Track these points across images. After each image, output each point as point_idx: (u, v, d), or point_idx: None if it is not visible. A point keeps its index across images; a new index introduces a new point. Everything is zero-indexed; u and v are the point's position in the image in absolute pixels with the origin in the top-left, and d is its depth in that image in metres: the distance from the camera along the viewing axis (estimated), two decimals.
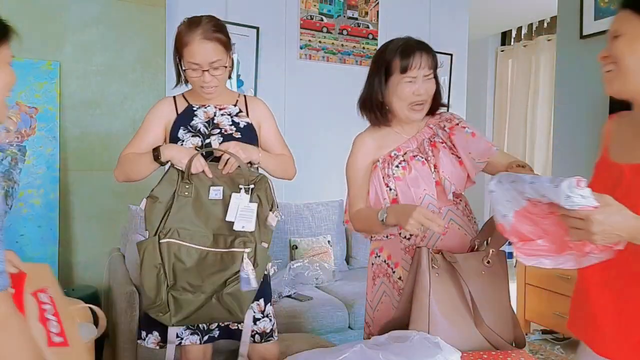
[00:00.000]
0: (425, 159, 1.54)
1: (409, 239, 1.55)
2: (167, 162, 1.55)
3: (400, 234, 1.57)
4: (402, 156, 1.56)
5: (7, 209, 0.95)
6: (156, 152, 1.54)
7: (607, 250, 0.98)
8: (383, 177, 1.56)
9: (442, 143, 1.55)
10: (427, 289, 1.36)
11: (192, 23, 1.56)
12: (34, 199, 2.81)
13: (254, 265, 1.49)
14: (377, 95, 1.56)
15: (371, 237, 1.66)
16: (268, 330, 1.68)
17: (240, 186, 1.52)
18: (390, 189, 1.54)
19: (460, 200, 1.60)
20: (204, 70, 1.55)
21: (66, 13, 2.93)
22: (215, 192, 1.53)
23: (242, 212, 1.50)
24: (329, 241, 3.28)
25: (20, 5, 2.81)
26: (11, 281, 0.93)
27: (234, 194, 1.51)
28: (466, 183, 1.56)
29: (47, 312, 1.07)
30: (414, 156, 1.55)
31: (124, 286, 2.35)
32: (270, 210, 1.55)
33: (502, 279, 1.44)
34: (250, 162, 1.62)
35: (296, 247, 3.18)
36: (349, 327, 2.76)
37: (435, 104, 1.59)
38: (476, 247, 1.48)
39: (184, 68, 1.58)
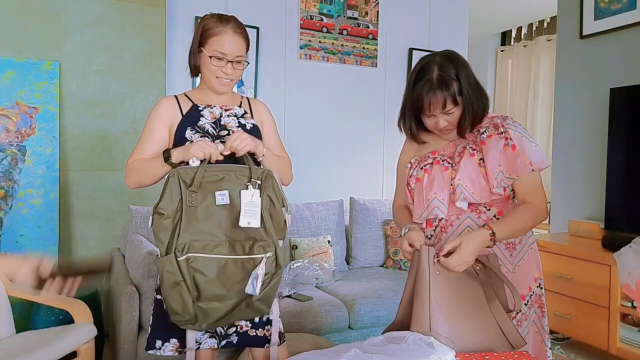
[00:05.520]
0: (451, 165, 1.53)
1: (429, 238, 1.57)
2: (179, 163, 1.52)
3: (425, 232, 1.59)
4: (432, 159, 1.57)
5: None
6: (166, 154, 1.52)
7: None
8: (408, 177, 1.59)
9: (474, 150, 1.52)
10: (427, 287, 1.36)
11: (223, 17, 1.62)
12: (34, 199, 2.81)
13: (276, 267, 1.49)
14: (410, 125, 1.60)
15: None
16: (282, 331, 1.71)
17: (247, 183, 1.49)
18: (412, 189, 1.58)
19: (489, 210, 1.53)
20: (228, 61, 1.58)
21: (66, 13, 2.93)
22: (222, 197, 1.49)
23: (246, 207, 1.46)
24: (329, 241, 3.28)
25: (20, 5, 2.81)
26: None
27: (243, 192, 1.48)
28: (492, 195, 1.49)
29: None
30: (441, 160, 1.55)
31: (124, 286, 2.35)
32: (283, 207, 1.53)
33: (498, 281, 1.42)
34: (254, 156, 1.60)
35: (296, 247, 3.18)
36: (349, 327, 2.75)
37: (470, 123, 1.52)
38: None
39: (209, 55, 1.58)
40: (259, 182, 1.50)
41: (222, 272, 1.45)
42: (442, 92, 1.44)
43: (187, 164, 1.50)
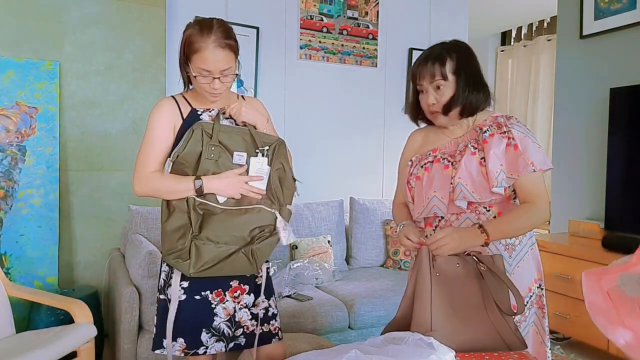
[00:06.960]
0: (451, 164, 1.53)
1: (427, 237, 1.58)
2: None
3: (424, 232, 1.60)
4: (433, 157, 1.58)
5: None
6: (199, 183, 1.51)
7: None
8: (409, 175, 1.61)
9: (475, 149, 1.51)
10: (428, 289, 1.36)
11: (204, 28, 1.51)
12: (34, 199, 2.81)
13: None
14: (410, 101, 1.66)
15: None
16: (280, 326, 1.72)
17: (257, 150, 1.56)
18: (412, 187, 1.59)
19: (489, 210, 1.53)
20: (214, 78, 1.53)
21: (66, 13, 2.93)
22: (239, 157, 1.56)
23: (256, 173, 1.56)
24: (329, 241, 3.28)
25: (20, 5, 2.81)
26: None
27: (252, 158, 1.56)
28: (492, 195, 1.48)
29: None
30: (441, 158, 1.55)
31: (124, 286, 2.35)
32: (292, 175, 1.62)
33: (501, 283, 1.41)
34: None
35: (296, 247, 3.18)
36: (349, 327, 2.75)
37: (461, 109, 1.52)
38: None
39: (194, 74, 1.54)
40: (266, 148, 1.58)
41: (225, 219, 1.53)
42: (432, 63, 1.49)
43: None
